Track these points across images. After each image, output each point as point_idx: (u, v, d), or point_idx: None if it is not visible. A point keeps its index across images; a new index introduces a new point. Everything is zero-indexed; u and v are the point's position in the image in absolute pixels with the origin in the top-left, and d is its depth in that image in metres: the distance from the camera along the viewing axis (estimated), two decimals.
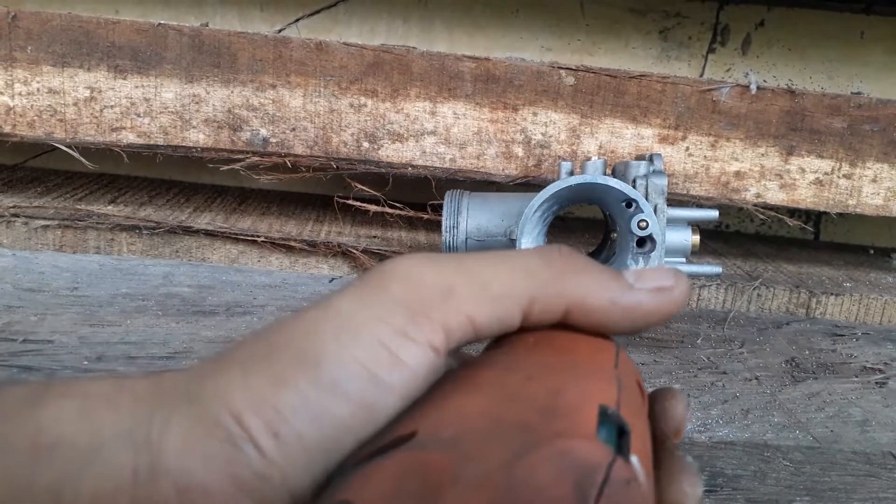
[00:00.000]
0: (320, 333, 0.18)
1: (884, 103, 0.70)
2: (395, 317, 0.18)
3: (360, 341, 0.18)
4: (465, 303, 0.19)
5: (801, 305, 0.71)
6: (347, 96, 0.68)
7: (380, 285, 0.19)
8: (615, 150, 0.70)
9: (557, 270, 0.21)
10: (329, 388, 0.17)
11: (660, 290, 0.22)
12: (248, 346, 0.19)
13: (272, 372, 0.17)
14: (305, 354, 0.18)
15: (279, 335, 0.19)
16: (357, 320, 0.18)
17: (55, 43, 0.66)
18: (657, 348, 0.58)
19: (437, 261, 0.20)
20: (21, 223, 0.67)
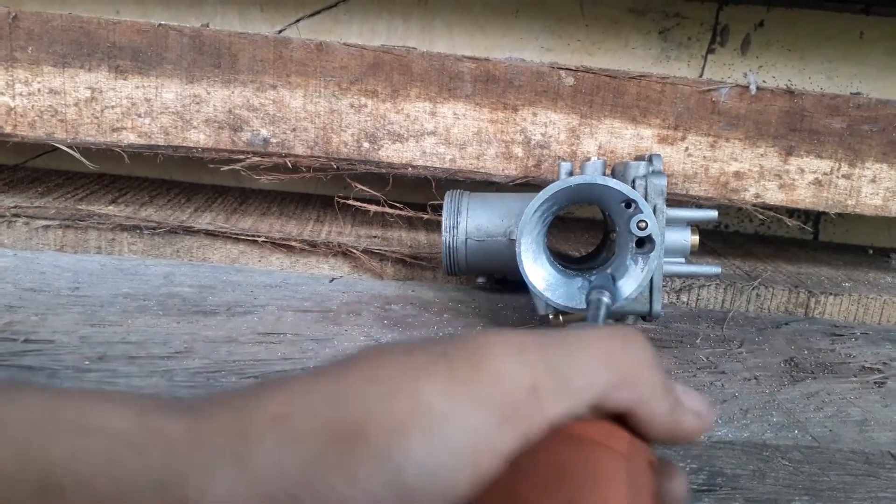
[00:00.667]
0: (406, 433, 0.17)
1: (883, 103, 0.70)
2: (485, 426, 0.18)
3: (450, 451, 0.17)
4: (548, 406, 0.19)
5: (799, 305, 0.71)
6: (348, 97, 0.68)
7: (471, 383, 0.18)
8: (615, 151, 0.70)
9: (634, 365, 0.21)
10: (404, 495, 0.17)
11: (698, 416, 0.23)
12: (315, 415, 0.17)
13: (344, 462, 0.16)
14: (386, 454, 0.17)
15: (357, 417, 0.17)
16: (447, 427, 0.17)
17: (56, 43, 0.66)
18: (657, 348, 0.58)
19: (523, 350, 0.20)
20: (22, 223, 0.67)
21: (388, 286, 0.68)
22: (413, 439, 0.17)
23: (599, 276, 0.48)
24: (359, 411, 0.18)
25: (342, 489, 0.16)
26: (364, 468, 0.16)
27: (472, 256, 0.61)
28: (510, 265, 0.56)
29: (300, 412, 0.18)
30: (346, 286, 0.67)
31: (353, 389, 0.18)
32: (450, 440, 0.17)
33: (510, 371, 0.19)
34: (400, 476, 0.17)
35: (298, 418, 0.17)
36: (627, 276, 0.53)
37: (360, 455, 0.17)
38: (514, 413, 0.18)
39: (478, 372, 0.19)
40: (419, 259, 0.69)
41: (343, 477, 0.16)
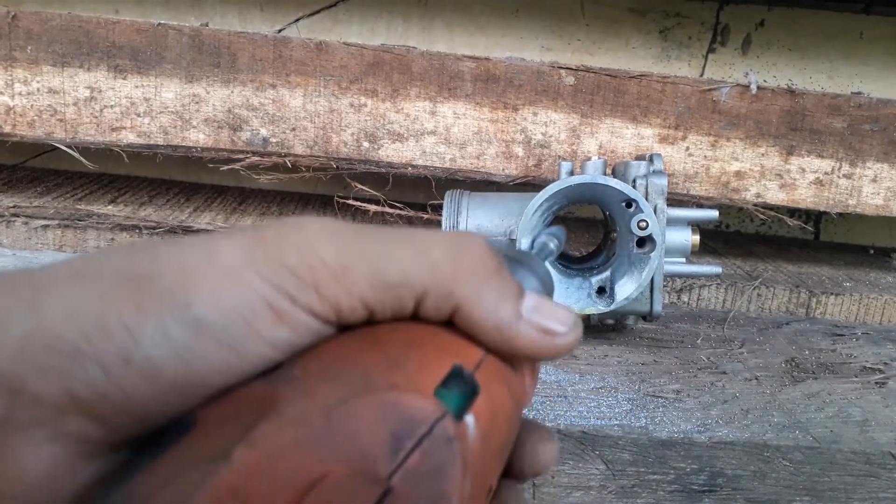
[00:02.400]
0: (197, 278, 0.18)
1: (884, 103, 0.70)
2: (285, 283, 0.18)
3: (240, 293, 0.18)
4: (358, 286, 0.19)
5: (801, 305, 0.71)
6: (347, 96, 0.68)
7: (273, 248, 0.19)
8: (615, 150, 0.70)
9: (460, 269, 0.21)
10: (198, 330, 0.17)
11: (545, 333, 0.21)
12: (109, 265, 0.18)
13: (135, 300, 0.17)
14: (176, 292, 0.17)
15: (149, 265, 0.18)
16: (241, 276, 0.18)
17: (55, 43, 0.66)
18: (657, 348, 0.58)
19: (337, 234, 0.20)
20: (21, 223, 0.67)
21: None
22: (204, 282, 0.18)
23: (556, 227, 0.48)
24: (151, 259, 0.18)
25: (133, 324, 0.17)
26: (155, 304, 0.17)
27: None
28: None
29: (95, 264, 0.18)
30: None
31: (149, 245, 0.19)
32: (242, 287, 0.18)
33: (319, 247, 0.19)
34: (192, 313, 0.17)
35: (93, 268, 0.18)
36: (628, 276, 0.53)
37: (150, 293, 0.17)
38: (319, 282, 0.19)
39: (284, 240, 0.19)
40: None
41: (134, 313, 0.17)
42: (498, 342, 0.21)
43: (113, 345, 0.16)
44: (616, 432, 0.44)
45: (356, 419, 0.16)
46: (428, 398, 0.17)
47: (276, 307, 0.18)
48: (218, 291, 0.18)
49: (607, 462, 0.42)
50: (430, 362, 0.18)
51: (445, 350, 0.19)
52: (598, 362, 0.54)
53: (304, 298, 0.18)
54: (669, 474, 0.42)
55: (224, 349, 0.17)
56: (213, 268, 0.18)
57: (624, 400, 0.48)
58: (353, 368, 0.18)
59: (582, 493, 0.41)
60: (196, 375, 0.17)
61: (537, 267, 0.26)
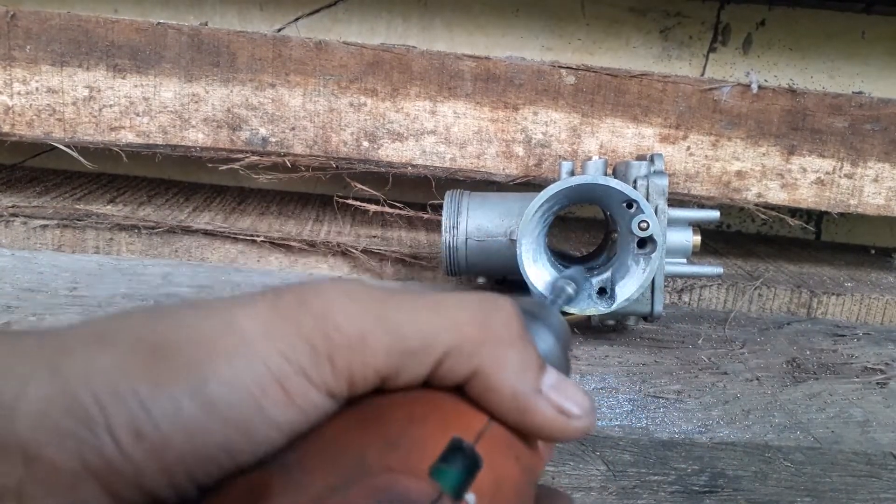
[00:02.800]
0: (215, 350, 0.17)
1: (885, 103, 0.70)
2: (300, 356, 0.18)
3: (255, 372, 0.17)
4: (376, 356, 0.19)
5: (802, 305, 0.71)
6: (347, 95, 0.68)
7: (292, 317, 0.18)
8: (616, 150, 0.70)
9: (487, 332, 0.20)
10: (209, 407, 0.17)
11: (561, 413, 0.21)
12: (130, 330, 0.18)
13: (151, 371, 0.17)
14: (193, 366, 0.17)
15: (169, 333, 0.18)
16: (258, 349, 0.18)
17: (54, 42, 0.65)
18: (658, 348, 0.58)
19: (357, 300, 0.19)
20: (20, 223, 0.67)
21: (388, 286, 0.67)
22: (220, 355, 0.17)
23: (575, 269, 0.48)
24: (172, 328, 0.18)
25: (147, 395, 0.17)
26: (170, 377, 0.17)
27: (472, 256, 0.60)
28: (510, 265, 0.55)
29: (116, 328, 0.18)
30: None
31: (171, 311, 0.19)
32: (256, 361, 0.17)
33: (338, 314, 0.19)
34: (205, 388, 0.17)
35: (114, 332, 0.18)
36: (629, 277, 0.53)
37: (166, 365, 0.17)
38: (334, 352, 0.18)
39: (302, 308, 0.19)
40: (419, 259, 0.69)
41: (147, 384, 0.17)
42: (513, 414, 0.20)
43: (125, 415, 0.16)
44: (617, 433, 0.44)
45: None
46: (421, 479, 0.17)
47: (287, 386, 0.18)
48: (232, 367, 0.17)
49: (608, 463, 0.42)
50: (428, 438, 0.18)
51: (447, 422, 0.19)
52: (599, 363, 0.54)
53: (318, 372, 0.18)
54: (670, 475, 0.42)
55: (232, 429, 0.17)
56: (229, 340, 0.18)
57: (625, 400, 0.48)
58: (348, 452, 0.17)
59: (583, 493, 0.41)
60: (204, 453, 0.17)
61: (552, 319, 0.25)
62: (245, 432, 0.17)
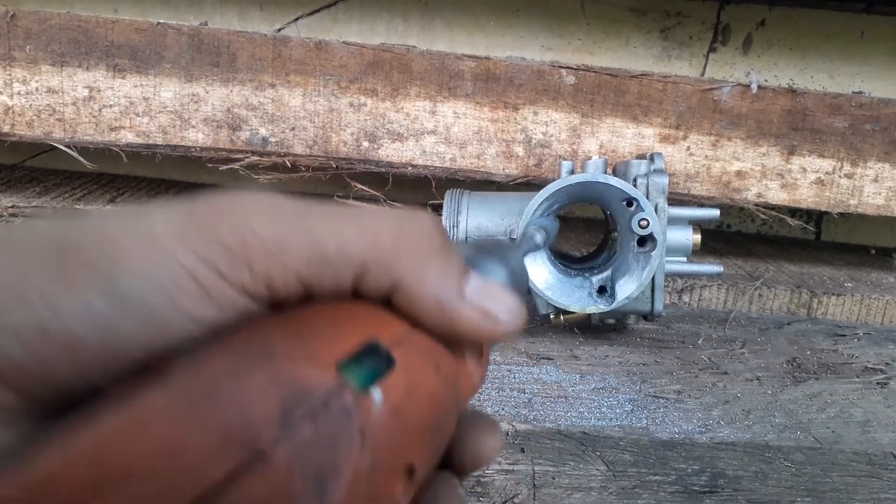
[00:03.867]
0: (123, 250, 0.17)
1: (885, 103, 0.70)
2: (214, 257, 0.18)
3: (167, 268, 0.17)
4: (295, 261, 0.18)
5: (802, 305, 0.71)
6: (347, 95, 0.68)
7: (206, 221, 0.18)
8: (616, 150, 0.70)
9: (402, 243, 0.20)
10: (120, 303, 0.17)
11: (486, 316, 0.21)
12: (34, 233, 0.18)
13: (58, 270, 0.17)
14: (100, 263, 0.17)
15: (76, 234, 0.18)
16: (171, 249, 0.17)
17: (54, 42, 0.65)
18: (658, 348, 0.58)
19: (275, 208, 0.19)
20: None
21: None
22: (129, 253, 0.17)
23: (548, 218, 0.47)
24: (78, 229, 0.18)
25: (52, 294, 0.16)
26: (76, 276, 0.17)
27: None
28: None
29: (21, 233, 0.18)
30: None
31: (78, 216, 0.19)
32: (170, 259, 0.17)
33: (255, 221, 0.18)
34: (116, 284, 0.17)
35: (15, 238, 0.18)
36: (629, 276, 0.53)
37: (74, 264, 0.17)
38: (251, 256, 0.18)
39: (218, 214, 0.18)
40: None
41: (53, 283, 0.16)
42: (437, 321, 0.20)
43: (31, 316, 0.16)
44: (617, 433, 0.44)
45: (242, 389, 0.15)
46: (325, 369, 0.17)
47: (202, 282, 0.18)
48: (143, 264, 0.17)
49: (608, 463, 0.42)
50: (340, 336, 0.18)
51: (364, 324, 0.19)
52: (599, 363, 0.54)
53: (235, 273, 0.18)
54: (670, 475, 0.42)
55: (146, 324, 0.17)
56: (140, 239, 0.18)
57: (625, 400, 0.48)
58: (254, 341, 0.17)
59: (583, 493, 0.41)
60: (117, 348, 0.17)
61: (511, 259, 0.25)
62: (160, 326, 0.17)
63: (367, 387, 0.17)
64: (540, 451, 0.42)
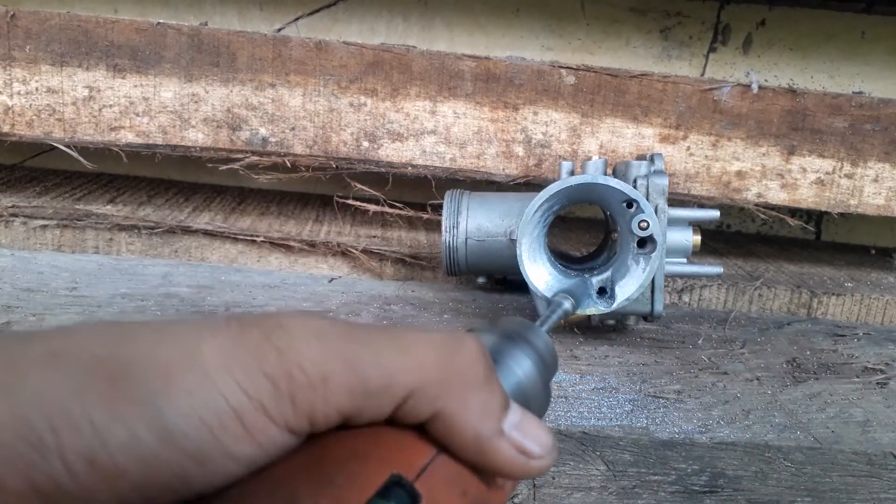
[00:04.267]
0: (174, 379, 0.17)
1: (885, 103, 0.70)
2: (260, 393, 0.18)
3: (213, 404, 0.17)
4: (338, 397, 0.18)
5: (802, 306, 0.71)
6: (347, 95, 0.68)
7: (255, 351, 0.18)
8: (616, 150, 0.70)
9: (450, 374, 0.20)
10: (165, 438, 0.17)
11: (523, 453, 0.21)
12: (86, 351, 0.18)
13: (107, 397, 0.17)
14: (150, 395, 0.17)
15: (127, 357, 0.17)
16: (218, 381, 0.17)
17: (54, 42, 0.65)
18: (658, 348, 0.58)
19: (322, 337, 0.19)
20: (20, 223, 0.67)
21: (388, 286, 0.67)
22: (179, 385, 0.17)
23: (578, 282, 0.48)
24: (130, 352, 0.18)
25: (101, 423, 0.16)
26: (125, 406, 0.17)
27: (472, 256, 0.60)
28: (510, 265, 0.55)
29: (73, 349, 0.18)
30: (346, 286, 0.66)
31: (130, 332, 0.18)
32: (216, 394, 0.17)
33: (302, 352, 0.18)
34: (161, 419, 0.17)
35: (69, 353, 0.17)
36: (629, 277, 0.53)
37: (122, 392, 0.17)
38: (296, 392, 0.18)
39: (266, 343, 0.18)
40: (419, 259, 0.69)
41: (103, 412, 0.16)
42: (473, 455, 0.20)
43: (81, 444, 0.16)
44: (617, 433, 0.44)
45: None
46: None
47: (245, 420, 0.17)
48: (191, 398, 0.17)
49: (608, 463, 0.42)
50: (367, 474, 0.18)
51: (389, 458, 0.19)
52: (599, 363, 0.54)
53: (279, 410, 0.18)
54: (670, 475, 0.42)
55: (189, 460, 0.17)
56: (190, 369, 0.17)
57: (625, 400, 0.48)
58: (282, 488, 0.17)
59: (583, 493, 0.41)
60: (157, 482, 0.17)
61: (537, 342, 0.25)
62: (201, 464, 0.17)
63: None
64: None
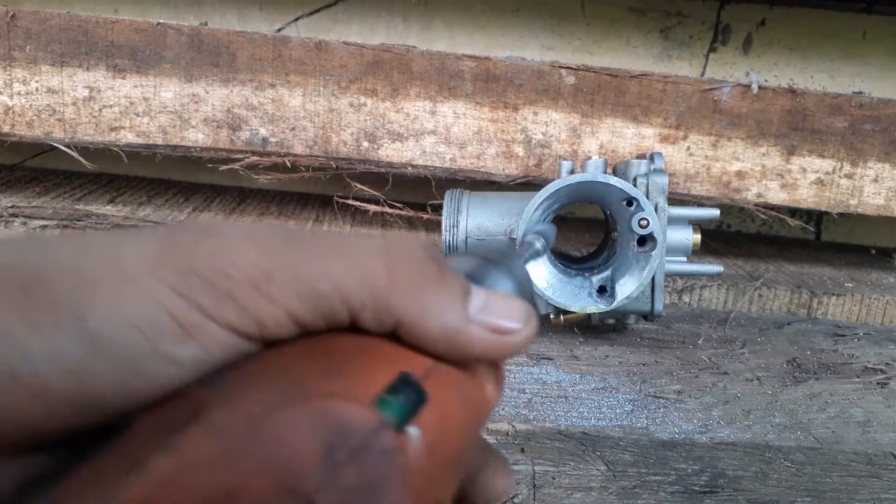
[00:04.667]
0: (95, 285, 0.16)
1: (885, 103, 0.70)
2: (195, 292, 0.16)
3: (142, 306, 0.16)
4: (284, 296, 0.17)
5: (802, 306, 0.71)
6: (347, 96, 0.68)
7: (184, 253, 0.17)
8: (616, 150, 0.70)
9: (396, 279, 0.19)
10: (91, 346, 0.16)
11: (497, 331, 0.20)
12: (1, 264, 0.16)
13: (25, 308, 0.16)
14: (69, 301, 0.16)
15: (43, 266, 0.16)
16: (145, 284, 0.16)
17: (54, 42, 0.65)
18: (658, 348, 0.58)
19: (258, 239, 0.18)
20: (20, 223, 0.67)
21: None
22: (102, 290, 0.16)
23: (546, 224, 0.47)
24: (43, 260, 0.17)
25: (19, 335, 0.15)
26: (43, 315, 0.16)
27: None
28: None
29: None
30: None
31: (44, 244, 0.17)
32: (146, 297, 0.16)
33: (238, 253, 0.17)
34: (86, 326, 0.16)
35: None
36: (629, 275, 0.53)
37: (38, 301, 0.16)
38: (236, 290, 0.17)
39: (197, 245, 0.17)
40: None
41: (20, 323, 0.15)
42: (448, 350, 0.19)
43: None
44: (617, 433, 0.44)
45: (286, 429, 0.15)
46: (366, 407, 0.16)
47: (182, 320, 0.16)
48: (114, 301, 0.16)
49: (608, 463, 0.42)
50: (372, 370, 0.17)
51: (390, 358, 0.18)
52: (599, 363, 0.54)
53: (219, 309, 0.17)
54: (671, 475, 0.42)
55: (122, 368, 0.16)
56: (113, 274, 0.16)
57: (625, 400, 0.48)
58: (286, 376, 0.16)
59: (583, 493, 0.41)
60: (92, 394, 0.16)
61: (515, 268, 0.24)
62: (137, 372, 0.16)
63: (403, 424, 0.17)
64: (540, 451, 0.42)
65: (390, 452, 0.16)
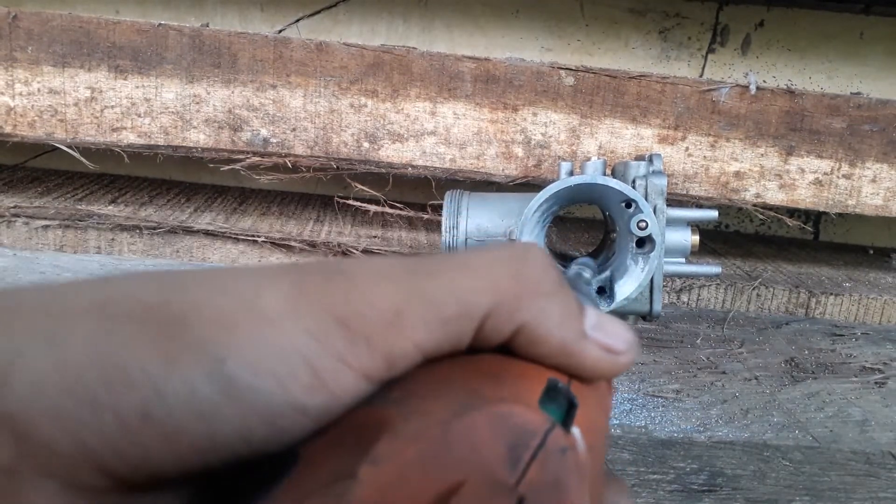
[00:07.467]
0: (235, 328, 0.16)
1: (883, 103, 0.70)
2: (332, 337, 0.16)
3: (280, 352, 0.16)
4: (414, 330, 0.17)
5: (800, 305, 0.71)
6: (348, 96, 0.68)
7: (320, 294, 0.17)
8: (615, 151, 0.70)
9: (524, 286, 0.19)
10: (227, 390, 0.15)
11: (609, 350, 0.20)
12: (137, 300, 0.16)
13: (163, 348, 0.15)
14: (210, 346, 0.15)
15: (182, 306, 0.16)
16: (283, 329, 0.16)
17: (56, 43, 0.66)
18: (657, 348, 0.58)
19: (387, 275, 0.18)
20: (22, 223, 0.67)
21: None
22: (239, 334, 0.16)
23: (584, 258, 0.49)
24: (185, 301, 0.16)
25: (157, 375, 0.15)
26: (182, 356, 0.15)
27: None
28: None
29: (121, 298, 0.16)
30: None
31: (183, 282, 0.17)
32: (284, 342, 0.16)
33: (370, 292, 0.17)
34: (222, 369, 0.15)
35: (118, 303, 0.16)
36: (628, 276, 0.53)
37: (178, 342, 0.15)
38: (369, 332, 0.17)
39: (329, 286, 0.17)
40: None
41: (158, 363, 0.15)
42: (562, 363, 0.19)
43: (134, 398, 0.15)
44: (616, 432, 0.44)
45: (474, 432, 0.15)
46: (535, 410, 0.17)
47: (318, 368, 0.16)
48: (257, 347, 0.16)
49: (607, 462, 0.43)
50: (523, 378, 0.18)
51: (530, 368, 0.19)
52: None
53: (354, 354, 0.16)
54: (669, 474, 0.42)
55: (253, 415, 0.16)
56: (253, 318, 0.16)
57: (624, 400, 0.48)
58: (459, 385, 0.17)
59: None
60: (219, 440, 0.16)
61: (584, 289, 0.25)
62: (266, 419, 0.16)
63: (568, 425, 0.17)
64: None
65: (566, 450, 0.16)
